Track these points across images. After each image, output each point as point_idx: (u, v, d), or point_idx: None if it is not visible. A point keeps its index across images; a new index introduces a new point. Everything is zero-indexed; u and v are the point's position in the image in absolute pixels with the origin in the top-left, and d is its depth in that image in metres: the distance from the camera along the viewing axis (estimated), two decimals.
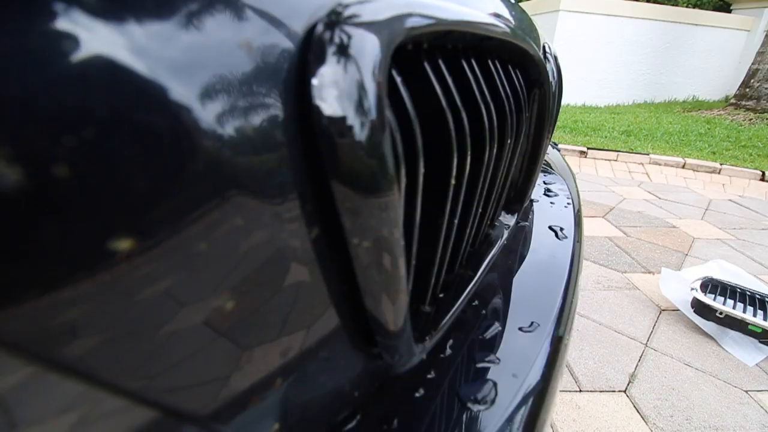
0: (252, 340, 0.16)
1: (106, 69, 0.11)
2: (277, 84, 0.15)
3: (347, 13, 0.17)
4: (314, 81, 0.16)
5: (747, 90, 6.51)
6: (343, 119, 0.17)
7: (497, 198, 0.44)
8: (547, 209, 0.71)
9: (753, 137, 5.01)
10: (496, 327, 0.38)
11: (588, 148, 4.38)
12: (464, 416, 0.30)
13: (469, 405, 0.31)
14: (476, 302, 0.42)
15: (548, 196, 0.77)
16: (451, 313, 0.33)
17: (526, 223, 0.63)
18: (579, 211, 0.73)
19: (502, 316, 0.41)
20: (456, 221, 0.31)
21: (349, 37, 0.17)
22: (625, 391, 1.32)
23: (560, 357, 0.40)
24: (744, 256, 2.33)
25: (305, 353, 0.19)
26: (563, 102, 7.28)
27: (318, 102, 0.16)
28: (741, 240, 2.56)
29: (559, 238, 0.59)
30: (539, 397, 0.34)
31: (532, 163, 0.48)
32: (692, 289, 1.62)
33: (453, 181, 0.26)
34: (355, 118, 0.17)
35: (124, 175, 0.11)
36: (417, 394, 0.30)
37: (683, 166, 4.04)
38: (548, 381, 0.35)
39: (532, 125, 0.45)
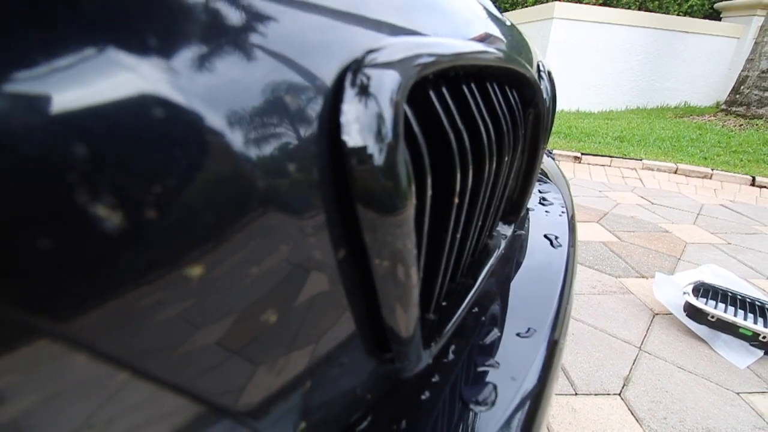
0: (286, 347, 0.18)
1: (172, 117, 0.13)
2: (314, 122, 0.17)
3: (368, 60, 0.19)
4: (342, 119, 0.18)
5: (737, 96, 6.62)
6: (364, 149, 0.19)
7: (496, 210, 0.47)
8: (543, 218, 0.74)
9: (743, 143, 5.09)
10: (495, 333, 0.41)
11: (582, 154, 4.44)
12: (467, 417, 0.32)
13: (472, 406, 0.33)
14: (476, 309, 0.44)
15: (543, 204, 0.79)
16: (453, 320, 0.35)
17: (523, 232, 0.66)
18: (573, 218, 0.76)
19: (500, 322, 0.43)
20: (458, 235, 0.33)
21: (370, 80, 0.19)
22: (620, 394, 1.34)
23: (556, 360, 0.42)
24: (735, 260, 2.37)
25: (330, 359, 0.21)
26: (558, 108, 7.36)
27: (345, 137, 0.18)
28: (732, 244, 2.60)
29: (554, 246, 0.62)
30: (537, 398, 0.36)
31: (527, 177, 0.51)
32: (684, 293, 1.65)
33: (456, 199, 0.28)
34: (376, 148, 0.19)
35: (198, 210, 0.13)
36: (423, 397, 0.32)
37: (675, 172, 4.10)
38: (545, 383, 0.38)
39: (527, 142, 0.48)
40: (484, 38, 0.39)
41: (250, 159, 0.15)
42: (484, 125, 0.33)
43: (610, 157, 4.34)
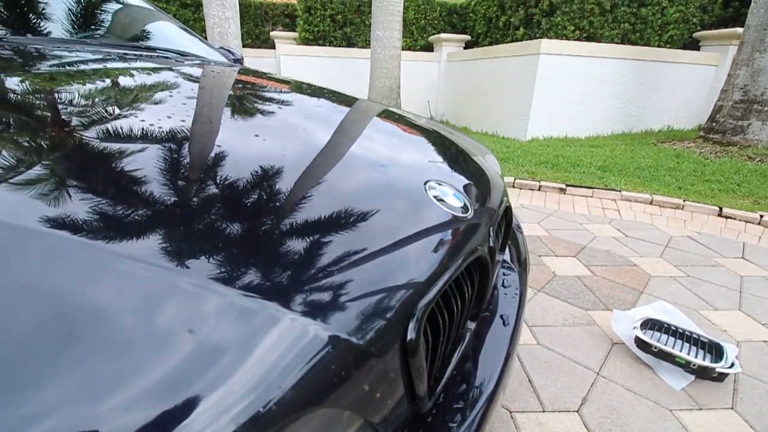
0: (398, 405, 0.58)
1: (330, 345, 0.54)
2: (401, 327, 0.58)
3: (417, 305, 0.60)
4: (409, 326, 0.59)
5: (714, 124, 7.12)
6: (412, 338, 0.60)
7: (464, 320, 0.88)
8: (501, 299, 1.14)
9: (716, 172, 5.53)
10: (463, 386, 0.81)
11: (567, 185, 4.86)
12: (448, 429, 0.72)
13: (450, 424, 0.73)
14: (454, 372, 0.85)
15: (504, 287, 1.20)
16: (441, 383, 0.75)
17: (486, 314, 1.06)
18: (522, 299, 1.16)
19: (467, 380, 0.83)
20: (444, 348, 0.73)
21: (415, 313, 0.60)
22: (577, 411, 1.73)
23: (496, 401, 0.82)
24: (690, 293, 2.77)
25: (400, 407, 0.61)
26: (548, 134, 7.84)
27: (408, 334, 0.59)
28: (690, 277, 3.00)
29: (504, 325, 1.02)
30: (482, 419, 0.76)
31: (480, 298, 0.91)
32: (634, 327, 2.06)
33: (442, 338, 0.69)
34: (413, 334, 0.60)
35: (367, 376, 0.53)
36: (428, 419, 0.72)
37: (651, 203, 4.52)
38: (487, 413, 0.78)
39: (479, 283, 0.88)
40: (455, 222, 0.81)
41: (381, 345, 0.55)
42: (453, 296, 0.74)
43: (592, 188, 4.76)
